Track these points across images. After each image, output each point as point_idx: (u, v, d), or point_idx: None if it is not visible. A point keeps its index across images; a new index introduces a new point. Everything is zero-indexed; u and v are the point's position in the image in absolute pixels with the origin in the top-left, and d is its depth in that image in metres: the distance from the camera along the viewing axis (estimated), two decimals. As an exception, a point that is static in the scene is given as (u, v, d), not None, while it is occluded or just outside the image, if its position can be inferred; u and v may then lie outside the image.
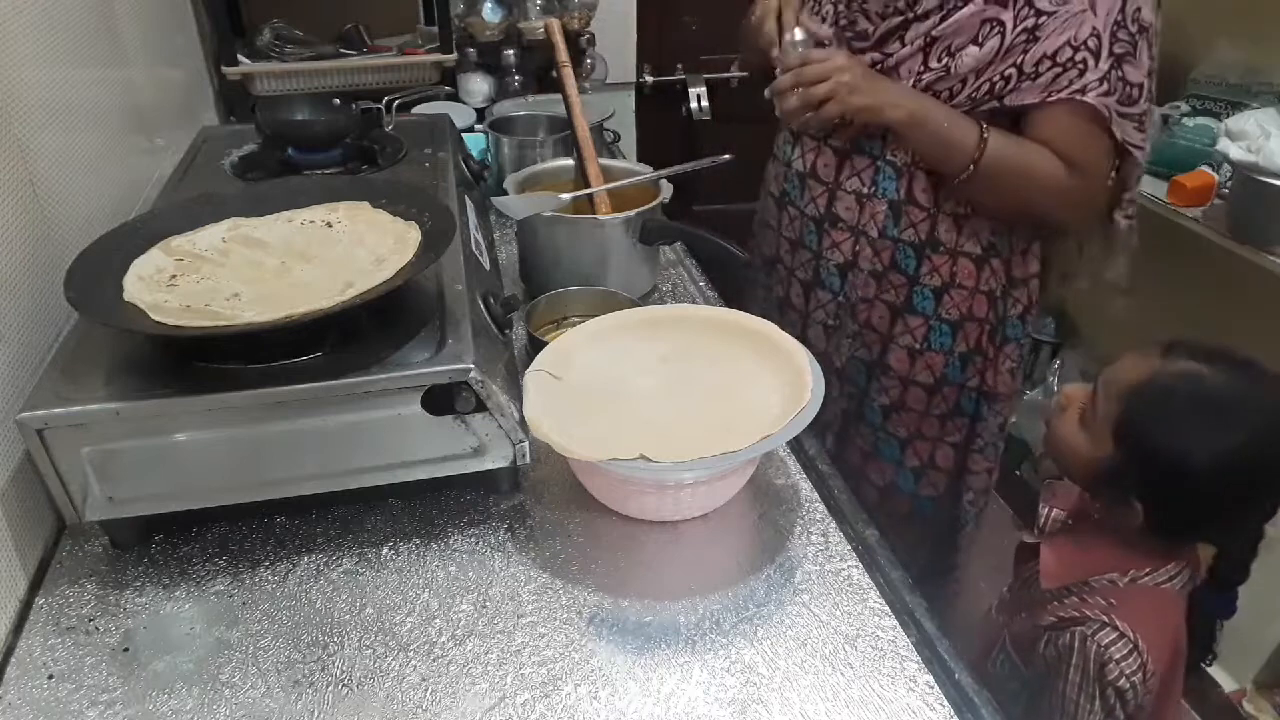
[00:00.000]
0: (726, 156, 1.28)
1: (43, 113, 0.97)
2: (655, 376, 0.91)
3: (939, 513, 1.42)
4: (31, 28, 0.96)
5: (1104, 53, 1.05)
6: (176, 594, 0.79)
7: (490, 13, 2.02)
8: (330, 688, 0.70)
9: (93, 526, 0.82)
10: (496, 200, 1.19)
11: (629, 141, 2.38)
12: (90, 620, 0.76)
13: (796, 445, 0.96)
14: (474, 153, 1.52)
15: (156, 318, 0.78)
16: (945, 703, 0.69)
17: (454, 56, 1.92)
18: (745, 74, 1.40)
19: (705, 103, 2.35)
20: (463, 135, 1.54)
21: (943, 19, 1.11)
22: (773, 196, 1.38)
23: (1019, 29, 1.07)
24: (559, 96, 1.37)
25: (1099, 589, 0.95)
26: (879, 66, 1.16)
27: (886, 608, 0.77)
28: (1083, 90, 1.06)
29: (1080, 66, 1.06)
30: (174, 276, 0.85)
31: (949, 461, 1.37)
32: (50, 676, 0.71)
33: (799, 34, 1.18)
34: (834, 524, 0.87)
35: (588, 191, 1.23)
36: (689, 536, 0.86)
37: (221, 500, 0.80)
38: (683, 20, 2.37)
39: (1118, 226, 1.21)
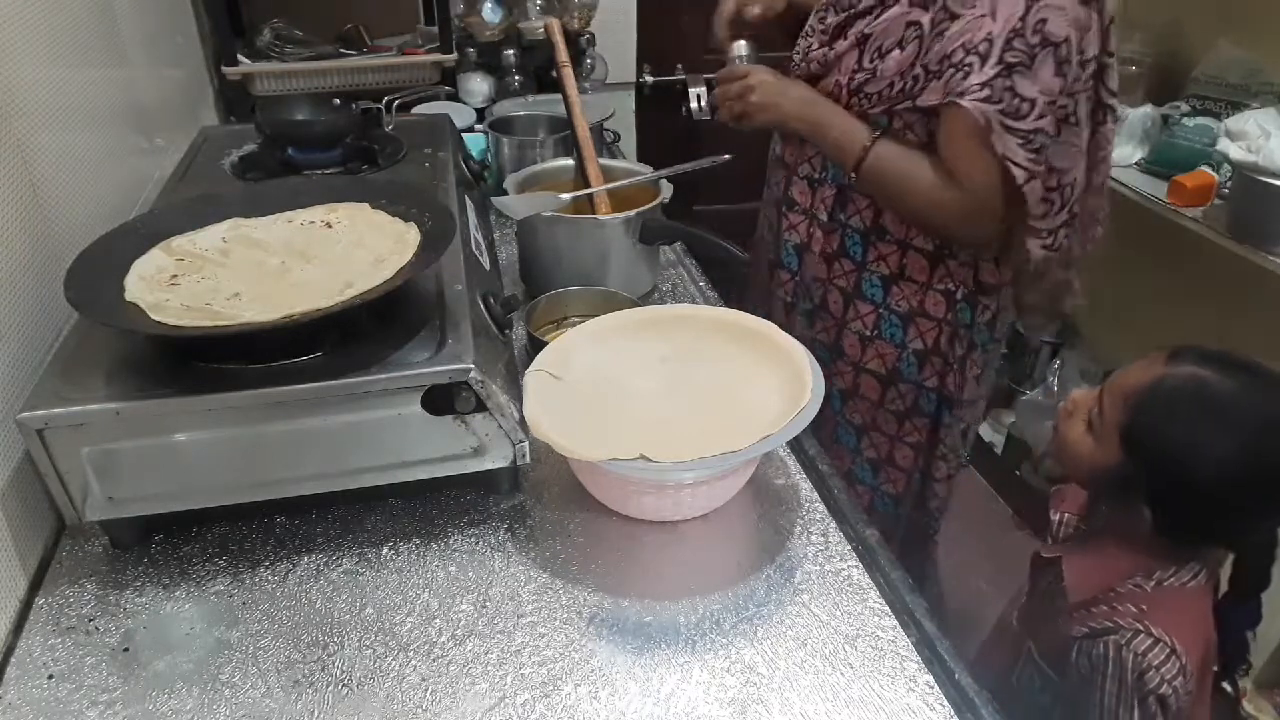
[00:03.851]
0: (726, 156, 1.28)
1: (43, 113, 0.97)
2: (655, 376, 0.91)
3: (900, 513, 1.43)
4: (31, 28, 0.96)
5: (992, 58, 1.02)
6: (176, 594, 0.79)
7: (490, 13, 2.02)
8: (330, 688, 0.70)
9: (93, 526, 0.82)
10: (496, 200, 1.19)
11: (629, 141, 2.38)
12: (90, 620, 0.76)
13: (796, 445, 0.96)
14: (474, 153, 1.52)
15: (157, 317, 0.78)
16: (945, 703, 0.69)
17: (454, 56, 1.92)
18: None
19: (705, 103, 2.34)
20: (463, 135, 1.54)
21: (875, 17, 1.14)
22: (766, 184, 1.44)
23: (934, 31, 1.07)
24: (559, 96, 1.38)
25: (1127, 595, 0.94)
26: (826, 59, 1.20)
27: (886, 608, 0.77)
28: (962, 94, 1.03)
29: (965, 69, 1.03)
30: (175, 276, 0.85)
31: (909, 461, 1.37)
32: (50, 676, 0.71)
33: (742, 48, 1.29)
34: (834, 524, 0.87)
35: (588, 191, 1.23)
36: (689, 536, 0.86)
37: (221, 500, 0.80)
38: (683, 20, 2.37)
39: (1032, 255, 1.14)
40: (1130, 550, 0.98)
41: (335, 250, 0.90)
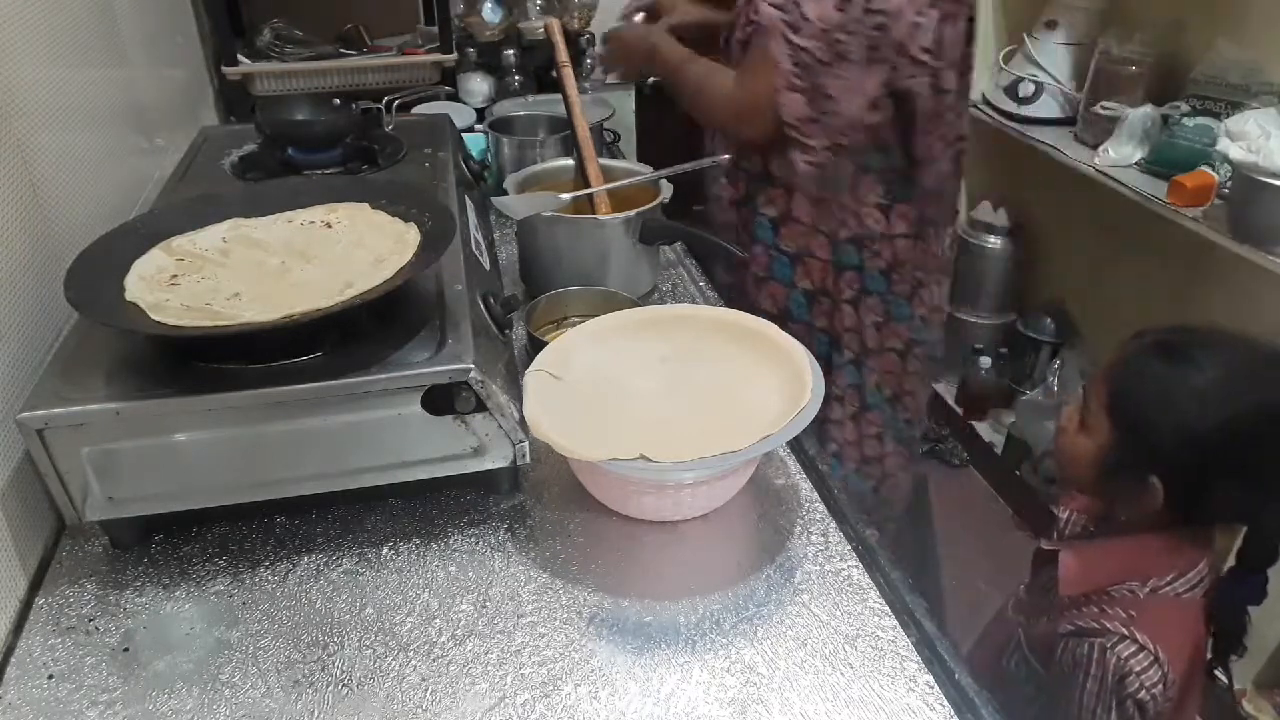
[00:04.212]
0: (726, 157, 1.28)
1: (43, 113, 0.97)
2: (655, 376, 0.91)
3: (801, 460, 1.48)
4: (31, 28, 0.96)
5: None
6: (176, 594, 0.79)
7: (490, 13, 2.02)
8: (330, 688, 0.70)
9: (93, 526, 0.82)
10: (496, 200, 1.19)
11: (629, 141, 2.38)
12: (90, 620, 0.76)
13: (796, 445, 0.96)
14: (474, 153, 1.52)
15: (157, 317, 0.78)
16: (945, 703, 0.69)
17: (454, 56, 1.92)
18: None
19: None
20: (463, 135, 1.54)
21: None
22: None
23: None
24: (559, 96, 1.37)
25: (1119, 599, 0.95)
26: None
27: (886, 608, 0.77)
28: (756, 8, 1.18)
29: None
30: (175, 276, 0.85)
31: None
32: (50, 676, 0.71)
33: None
34: (834, 524, 0.87)
35: (588, 191, 1.23)
36: (689, 536, 0.86)
37: (221, 500, 0.80)
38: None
39: (796, 165, 1.24)
40: (1134, 551, 0.98)
41: (335, 250, 0.90)
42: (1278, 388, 0.92)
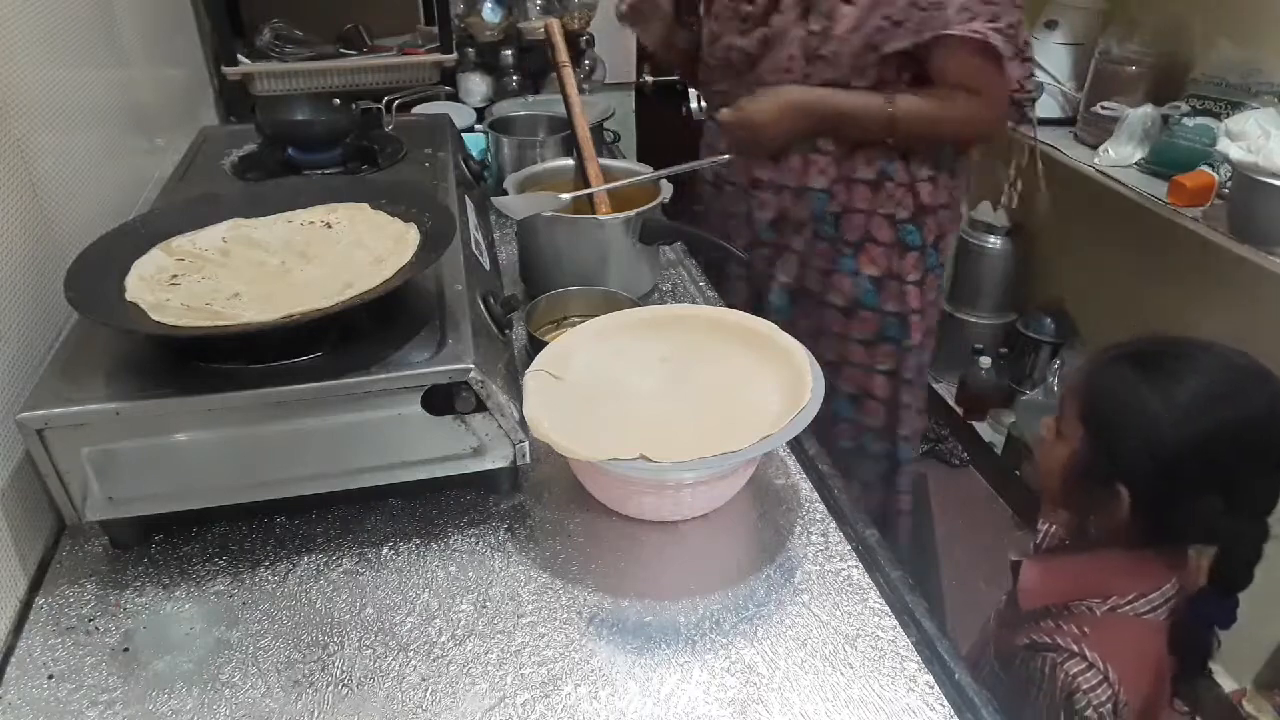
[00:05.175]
0: (726, 157, 1.29)
1: (43, 113, 0.97)
2: (655, 376, 0.91)
3: (881, 448, 1.50)
4: (31, 28, 0.96)
5: None
6: (176, 594, 0.79)
7: (490, 13, 2.02)
8: (330, 688, 0.70)
9: (93, 526, 0.82)
10: (496, 200, 1.19)
11: (629, 141, 2.38)
12: (90, 620, 0.76)
13: (796, 445, 0.96)
14: (474, 153, 1.52)
15: (157, 317, 0.78)
16: (945, 703, 0.69)
17: (454, 56, 1.92)
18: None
19: (705, 103, 2.34)
20: (463, 135, 1.54)
21: None
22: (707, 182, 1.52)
23: None
24: (559, 96, 1.37)
25: (1076, 615, 0.94)
26: (766, 38, 1.28)
27: (886, 608, 0.77)
28: (946, 24, 1.17)
29: (938, 4, 1.17)
30: (175, 276, 0.85)
31: (885, 391, 1.45)
32: (50, 676, 0.71)
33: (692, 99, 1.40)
34: (834, 524, 0.87)
35: (588, 191, 1.23)
36: (689, 536, 0.86)
37: (221, 500, 0.80)
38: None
39: (1012, 123, 1.33)
40: (1100, 567, 0.97)
41: (335, 250, 0.90)
42: (1253, 402, 0.89)
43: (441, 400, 0.80)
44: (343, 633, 0.75)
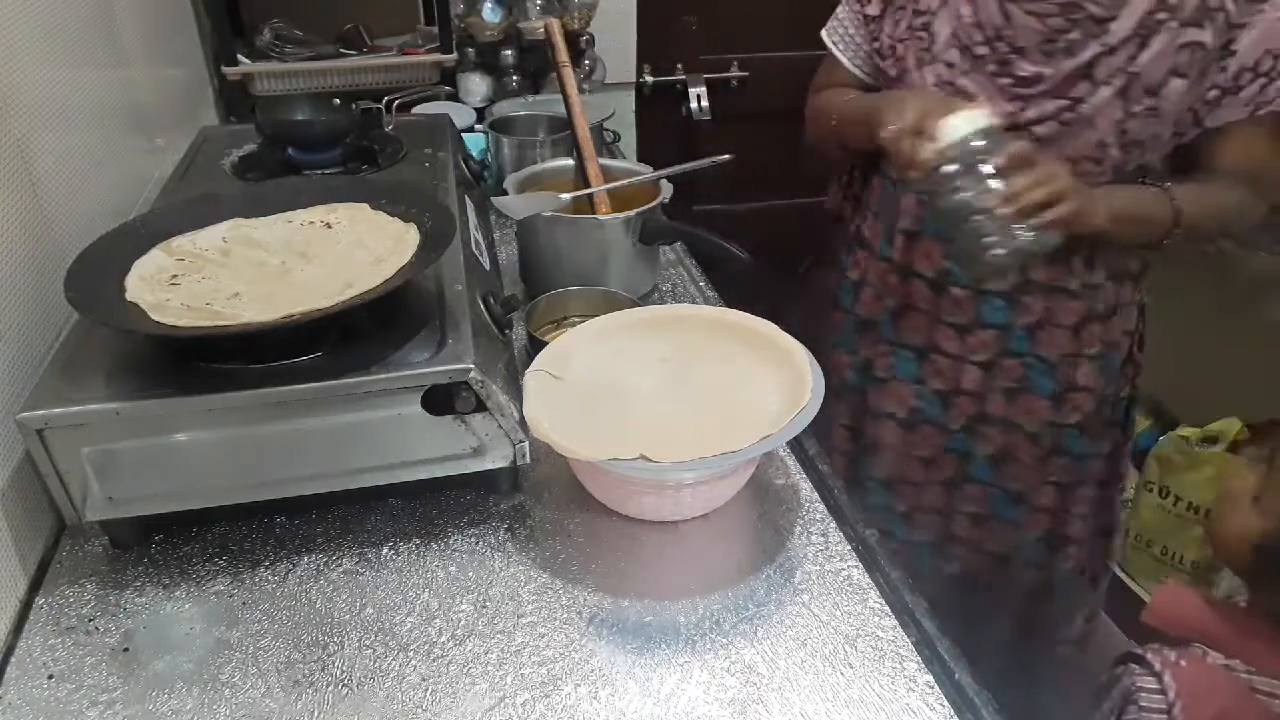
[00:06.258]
0: (726, 156, 1.28)
1: (43, 112, 0.97)
2: (655, 376, 0.91)
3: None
4: (31, 28, 0.96)
5: None
6: (176, 594, 0.79)
7: (490, 13, 2.01)
8: (330, 688, 0.70)
9: (93, 526, 0.82)
10: (496, 200, 1.19)
11: (629, 141, 2.38)
12: (90, 620, 0.76)
13: (796, 445, 0.96)
14: (474, 153, 1.52)
15: (157, 317, 0.78)
16: (945, 703, 0.69)
17: (454, 56, 1.92)
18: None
19: (705, 103, 2.34)
20: (463, 135, 1.54)
21: (1139, 50, 0.99)
22: (925, 279, 1.20)
23: (1218, 46, 0.99)
24: (559, 96, 1.37)
25: (1183, 649, 0.85)
26: (1069, 118, 1.03)
27: (886, 608, 0.77)
28: (1275, 100, 0.99)
29: (1276, 75, 0.98)
30: (175, 276, 0.86)
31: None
32: (50, 676, 0.71)
33: (976, 120, 0.95)
34: (834, 524, 0.87)
35: (588, 191, 1.23)
36: (689, 536, 0.86)
37: (221, 500, 0.80)
38: (683, 20, 2.37)
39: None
40: (1259, 630, 0.86)
41: (335, 250, 0.90)
42: None
43: (441, 400, 0.80)
44: (343, 633, 0.75)
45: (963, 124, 0.94)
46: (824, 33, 1.24)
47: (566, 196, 1.19)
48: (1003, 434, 1.23)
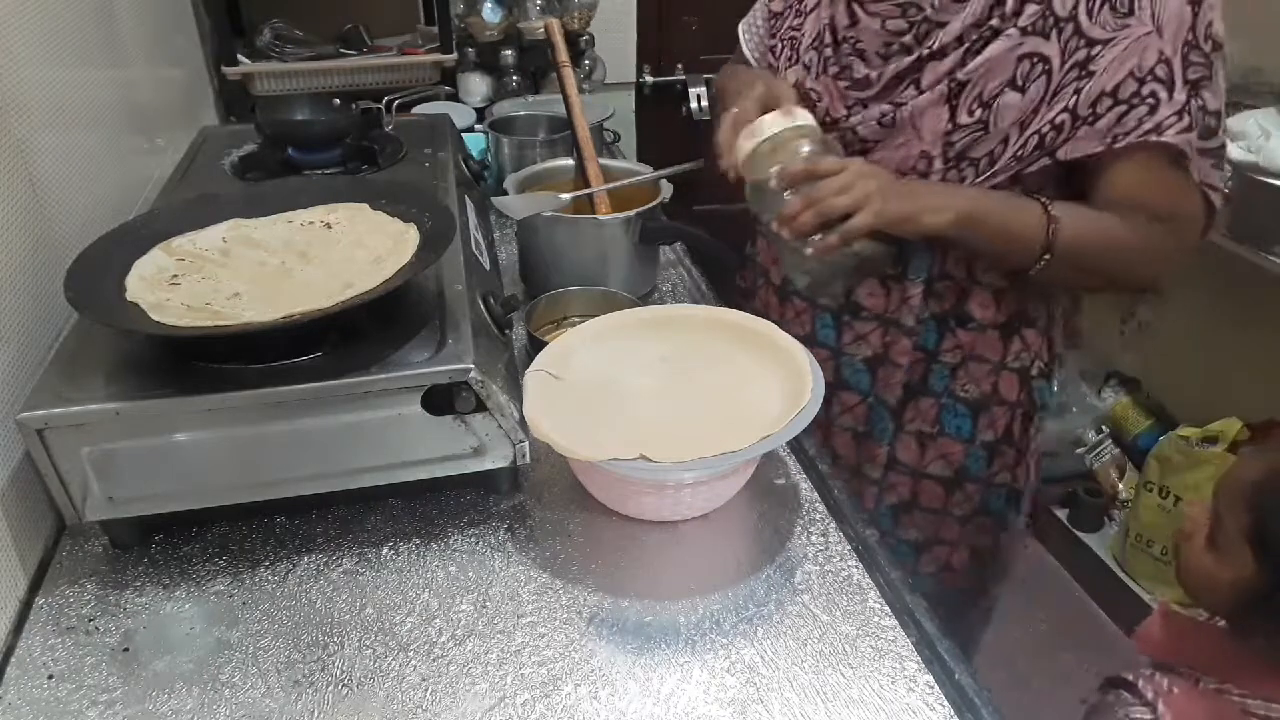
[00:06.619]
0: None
1: (43, 112, 0.97)
2: (655, 376, 0.91)
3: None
4: (31, 28, 0.96)
5: (1178, 81, 0.86)
6: (176, 594, 0.79)
7: (490, 13, 2.02)
8: (330, 688, 0.70)
9: (93, 526, 0.82)
10: (496, 200, 1.19)
11: (629, 141, 2.38)
12: (90, 620, 0.76)
13: (796, 445, 0.96)
14: (474, 153, 1.52)
15: (157, 317, 0.78)
16: (945, 703, 0.69)
17: (454, 56, 1.92)
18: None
19: (705, 103, 2.35)
20: (463, 135, 1.54)
21: (966, 55, 0.90)
22: (772, 286, 1.17)
23: (1068, 64, 0.87)
24: (559, 96, 1.37)
25: (1175, 675, 0.86)
26: (888, 121, 0.95)
27: (886, 608, 0.77)
28: (1158, 129, 0.86)
29: (1150, 101, 0.86)
30: (175, 276, 0.86)
31: (963, 564, 1.20)
32: (50, 676, 0.71)
33: (806, 147, 0.90)
34: (834, 524, 0.87)
35: (588, 191, 1.23)
36: (689, 536, 0.86)
37: (221, 500, 0.80)
38: (683, 20, 2.37)
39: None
40: (1251, 658, 0.85)
41: (335, 250, 0.90)
42: None
43: (441, 400, 0.80)
44: (343, 633, 0.75)
45: (772, 124, 0.91)
46: (740, 23, 1.18)
47: (566, 196, 1.19)
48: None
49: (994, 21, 0.89)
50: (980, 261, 1.00)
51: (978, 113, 0.91)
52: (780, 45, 1.08)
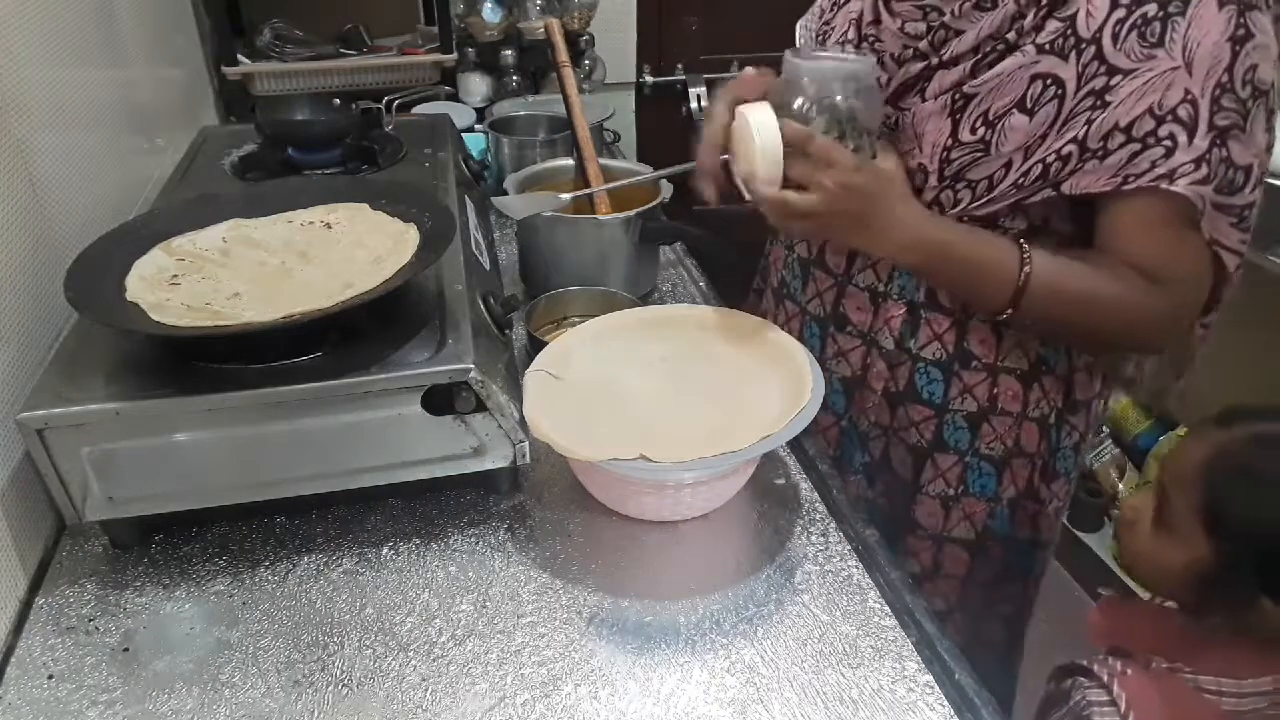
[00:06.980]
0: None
1: (43, 112, 0.97)
2: (655, 376, 0.91)
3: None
4: (31, 28, 0.96)
5: (1202, 125, 0.77)
6: (176, 594, 0.79)
7: (490, 13, 2.02)
8: (330, 688, 0.70)
9: (93, 526, 0.82)
10: (496, 200, 1.19)
11: (629, 141, 2.38)
12: (90, 620, 0.76)
13: (796, 445, 0.96)
14: (474, 153, 1.52)
15: (157, 317, 0.78)
16: (945, 703, 0.69)
17: (454, 56, 1.92)
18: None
19: (705, 103, 2.35)
20: (463, 135, 1.54)
21: (976, 68, 0.84)
22: (770, 287, 1.14)
23: (1083, 91, 0.79)
24: (559, 96, 1.37)
25: (1133, 658, 0.85)
26: (895, 124, 0.91)
27: (886, 608, 0.77)
28: (1170, 175, 0.78)
29: (1167, 144, 0.78)
30: (175, 276, 0.86)
31: (996, 635, 1.16)
32: (50, 676, 0.71)
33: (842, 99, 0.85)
34: (834, 524, 0.87)
35: (588, 191, 1.23)
36: (689, 536, 0.86)
37: (221, 500, 0.80)
38: (683, 20, 2.37)
39: (1193, 336, 0.95)
40: (1201, 634, 0.85)
41: (335, 250, 0.90)
42: None
43: (441, 400, 0.80)
44: (343, 633, 0.75)
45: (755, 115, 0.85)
46: (799, 21, 1.11)
47: (566, 196, 1.19)
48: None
49: (1011, 35, 0.83)
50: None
51: (980, 131, 0.85)
52: (817, 39, 1.05)
